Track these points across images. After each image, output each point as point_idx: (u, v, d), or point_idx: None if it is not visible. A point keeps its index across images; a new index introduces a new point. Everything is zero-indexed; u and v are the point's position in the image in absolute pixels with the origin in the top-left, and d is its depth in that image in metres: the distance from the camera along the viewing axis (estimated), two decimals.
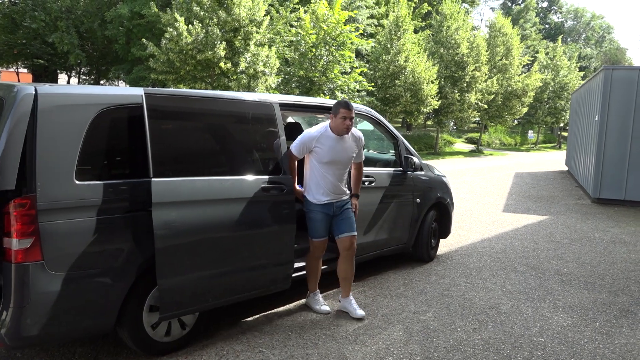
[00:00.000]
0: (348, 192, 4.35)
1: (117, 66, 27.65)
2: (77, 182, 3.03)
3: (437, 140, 27.17)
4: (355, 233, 4.29)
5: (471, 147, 32.20)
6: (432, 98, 22.86)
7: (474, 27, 33.68)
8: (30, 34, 25.53)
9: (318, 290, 4.49)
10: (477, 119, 30.67)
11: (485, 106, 27.66)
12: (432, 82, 22.80)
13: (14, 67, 28.78)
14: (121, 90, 3.47)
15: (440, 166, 17.88)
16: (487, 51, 27.31)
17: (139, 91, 3.35)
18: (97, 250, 3.10)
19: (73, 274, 3.00)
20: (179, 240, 3.30)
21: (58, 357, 3.49)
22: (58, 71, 31.27)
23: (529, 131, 38.62)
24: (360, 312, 4.29)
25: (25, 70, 30.53)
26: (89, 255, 3.06)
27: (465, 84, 25.26)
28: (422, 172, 5.83)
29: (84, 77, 34.45)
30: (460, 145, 32.92)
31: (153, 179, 3.20)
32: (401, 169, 5.51)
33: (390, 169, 5.46)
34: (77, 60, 26.42)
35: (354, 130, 4.23)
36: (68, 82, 32.92)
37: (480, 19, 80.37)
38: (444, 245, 6.81)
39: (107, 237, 3.15)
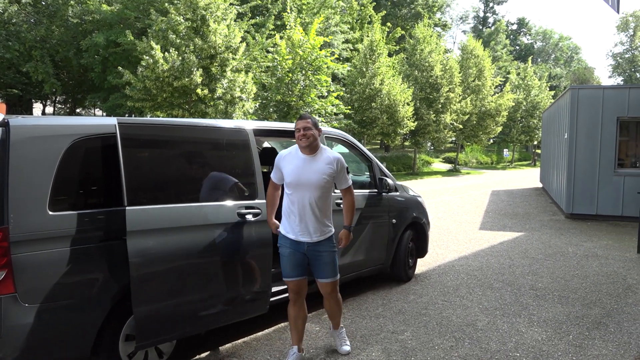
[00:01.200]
0: (328, 231, 3.77)
1: (94, 94, 27.51)
2: (50, 212, 3.04)
3: (415, 161, 27.55)
4: (337, 277, 3.82)
5: (449, 166, 32.70)
6: (408, 119, 23.27)
7: (446, 50, 34.62)
8: (4, 64, 25.31)
9: (297, 347, 3.83)
10: (454, 138, 31.31)
11: (461, 126, 28.24)
12: (408, 104, 23.24)
13: None
14: (95, 120, 3.51)
15: (419, 186, 18.11)
16: (460, 73, 28.04)
17: (112, 121, 3.39)
18: (71, 281, 3.09)
19: (47, 305, 2.99)
20: (155, 268, 3.31)
21: None
22: (33, 100, 30.96)
23: (505, 150, 39.46)
24: (345, 347, 4.05)
25: None
26: (63, 286, 3.05)
27: (440, 105, 25.80)
28: (397, 193, 5.94)
29: (59, 105, 34.17)
30: (438, 165, 33.40)
31: (127, 208, 3.22)
32: (376, 190, 5.60)
33: (365, 191, 5.55)
34: (52, 89, 26.25)
35: (329, 151, 3.79)
36: (43, 111, 32.60)
37: (452, 42, 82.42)
38: (422, 265, 6.89)
39: (81, 267, 3.14)
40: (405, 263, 6.03)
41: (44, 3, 27.84)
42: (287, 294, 4.44)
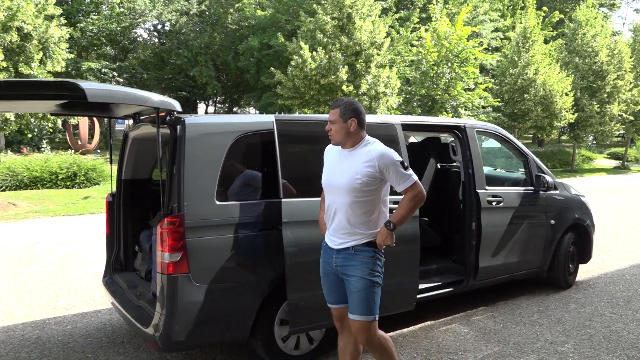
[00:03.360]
0: (363, 238, 2.89)
1: (248, 94, 29.82)
2: (217, 202, 3.33)
3: (574, 157, 25.03)
4: (362, 318, 2.86)
5: (615, 163, 29.15)
6: (567, 111, 21.20)
7: (614, 33, 30.78)
8: (175, 70, 28.64)
9: None
10: (622, 132, 27.74)
11: (631, 118, 24.94)
12: (567, 94, 21.18)
13: None
14: (255, 118, 3.77)
15: (578, 184, 16.43)
16: (631, 58, 24.73)
17: (270, 118, 3.61)
18: (234, 265, 3.36)
19: (214, 286, 3.28)
20: (308, 258, 3.44)
21: None
22: (197, 101, 34.57)
23: None
24: None
25: None
26: (227, 269, 3.33)
27: (605, 95, 23.05)
28: (557, 192, 5.44)
29: (219, 105, 37.65)
30: (601, 161, 29.97)
31: (283, 200, 3.40)
32: (532, 188, 5.20)
33: (520, 189, 5.18)
34: (213, 91, 29.02)
35: (373, 144, 2.94)
36: (206, 111, 36.20)
37: (622, 22, 73.00)
38: (584, 271, 6.23)
39: (243, 253, 3.40)
40: (565, 268, 5.50)
41: (207, 13, 30.83)
42: (435, 292, 4.38)
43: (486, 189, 4.70)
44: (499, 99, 20.35)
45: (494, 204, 4.73)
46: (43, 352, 3.95)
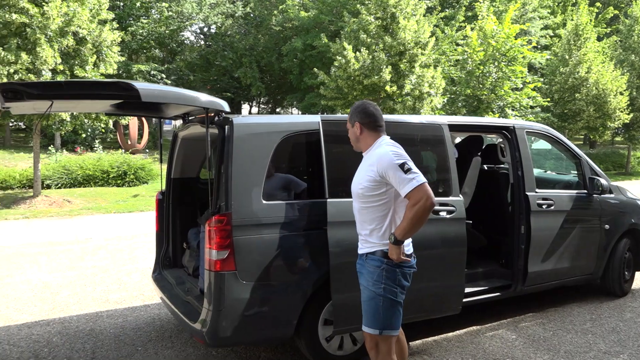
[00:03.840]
0: (373, 247, 2.79)
1: (292, 95, 30.05)
2: (264, 201, 3.37)
3: (629, 159, 23.94)
4: (370, 330, 2.77)
5: None
6: (622, 111, 20.30)
7: None
8: (221, 71, 29.21)
9: None
10: None
11: None
12: (621, 94, 20.28)
13: None
14: (301, 118, 3.80)
15: (634, 188, 15.68)
16: None
17: (316, 118, 3.62)
18: (279, 264, 3.38)
19: (260, 284, 3.32)
20: (352, 258, 3.41)
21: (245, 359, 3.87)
22: (241, 102, 35.16)
23: None
24: None
25: None
26: (272, 268, 3.36)
27: None
28: (611, 195, 5.22)
29: (262, 106, 38.16)
30: None
31: (328, 200, 3.41)
32: (585, 191, 5.01)
33: (573, 192, 5.00)
34: (257, 92, 29.43)
35: (379, 146, 2.80)
36: (249, 112, 36.73)
37: None
38: None
39: (288, 253, 3.42)
40: (620, 275, 5.27)
41: (252, 15, 31.31)
42: (482, 296, 4.28)
43: (536, 192, 4.56)
44: (549, 99, 19.70)
45: (544, 207, 4.58)
46: (96, 343, 4.11)
